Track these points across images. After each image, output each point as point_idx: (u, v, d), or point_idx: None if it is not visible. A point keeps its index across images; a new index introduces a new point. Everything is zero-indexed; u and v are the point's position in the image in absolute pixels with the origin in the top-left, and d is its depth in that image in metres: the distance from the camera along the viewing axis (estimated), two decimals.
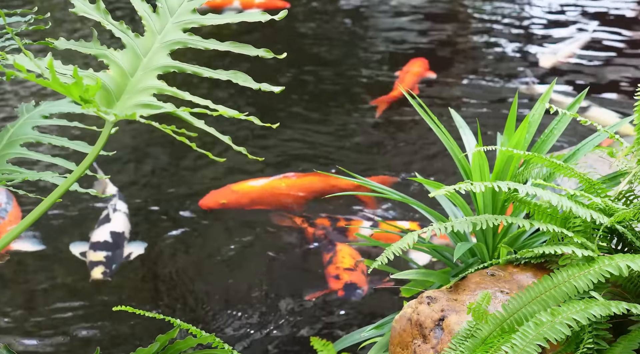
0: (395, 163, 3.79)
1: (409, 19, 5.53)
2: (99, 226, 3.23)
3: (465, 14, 5.65)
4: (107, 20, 1.53)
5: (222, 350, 1.55)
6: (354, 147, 3.97)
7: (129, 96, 1.45)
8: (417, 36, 5.26)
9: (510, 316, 1.34)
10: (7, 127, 1.71)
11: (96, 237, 3.17)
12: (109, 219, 3.26)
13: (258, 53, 1.48)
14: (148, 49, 1.52)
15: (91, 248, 3.12)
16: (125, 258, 3.12)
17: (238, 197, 3.41)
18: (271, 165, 3.73)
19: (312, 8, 5.81)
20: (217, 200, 3.42)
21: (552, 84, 1.96)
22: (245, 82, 1.47)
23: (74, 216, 3.39)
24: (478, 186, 1.40)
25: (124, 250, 3.15)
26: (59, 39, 1.51)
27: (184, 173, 3.70)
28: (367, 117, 4.25)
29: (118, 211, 3.31)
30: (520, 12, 5.64)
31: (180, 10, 1.56)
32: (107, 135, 1.39)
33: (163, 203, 3.50)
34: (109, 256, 3.08)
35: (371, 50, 5.13)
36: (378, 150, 3.96)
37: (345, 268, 2.90)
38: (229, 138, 1.45)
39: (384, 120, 4.19)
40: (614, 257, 1.34)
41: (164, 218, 3.40)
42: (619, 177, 1.77)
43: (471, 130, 2.04)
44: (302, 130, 4.06)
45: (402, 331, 1.56)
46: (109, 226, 3.22)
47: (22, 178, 1.63)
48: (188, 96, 1.45)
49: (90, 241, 3.16)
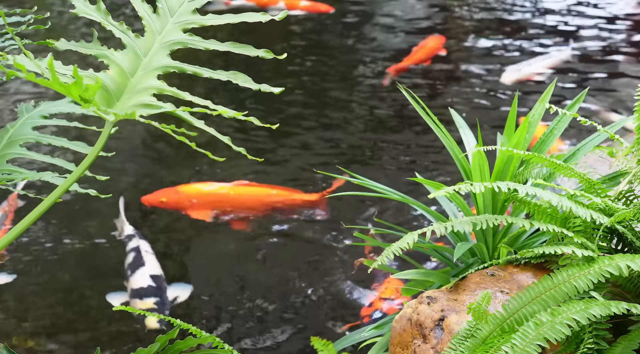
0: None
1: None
2: (134, 272, 2.89)
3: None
4: (108, 20, 1.53)
5: (222, 350, 1.55)
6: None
7: (129, 96, 1.45)
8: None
9: (510, 316, 1.34)
10: (7, 127, 1.71)
11: (137, 284, 2.84)
12: (143, 262, 2.93)
13: (258, 53, 1.48)
14: (148, 49, 1.52)
15: (135, 297, 2.79)
16: (172, 301, 2.83)
17: (178, 199, 3.36)
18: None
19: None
20: (158, 198, 3.37)
21: (552, 84, 1.96)
22: (245, 82, 1.47)
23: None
24: (478, 187, 1.40)
25: (168, 293, 2.85)
26: (60, 40, 1.51)
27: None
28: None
29: (147, 253, 3.00)
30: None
31: (180, 11, 1.56)
32: (107, 135, 1.39)
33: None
34: (159, 302, 2.77)
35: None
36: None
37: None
38: (228, 139, 1.45)
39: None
40: (614, 257, 1.34)
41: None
42: (619, 177, 1.77)
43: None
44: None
45: (402, 331, 1.56)
46: (147, 270, 2.89)
47: (22, 178, 1.63)
48: (188, 96, 1.46)
49: (132, 289, 2.84)
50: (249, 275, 3.00)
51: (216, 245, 3.19)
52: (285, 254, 3.12)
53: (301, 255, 3.09)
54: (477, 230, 1.73)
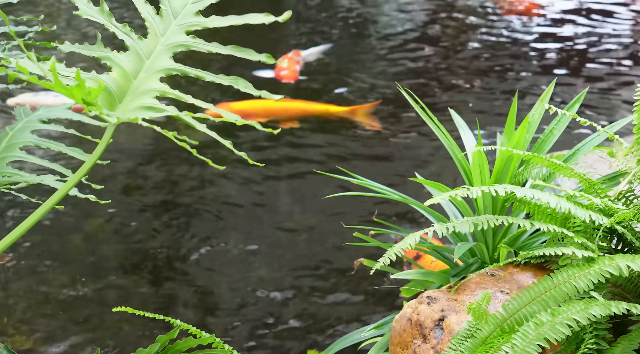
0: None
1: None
2: None
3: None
4: (111, 22, 1.53)
5: (222, 350, 1.55)
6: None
7: (131, 98, 1.45)
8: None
9: (510, 316, 1.34)
10: (6, 129, 1.71)
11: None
12: None
13: (260, 58, 1.48)
14: (151, 51, 1.52)
15: None
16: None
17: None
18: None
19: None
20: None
21: (552, 83, 1.96)
22: (246, 88, 1.48)
23: None
24: (475, 192, 1.41)
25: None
26: (64, 43, 1.52)
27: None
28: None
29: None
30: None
31: (184, 12, 1.56)
32: (108, 138, 1.40)
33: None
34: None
35: None
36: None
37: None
38: (230, 143, 1.46)
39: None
40: (614, 257, 1.35)
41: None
42: (619, 177, 1.77)
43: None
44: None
45: (402, 331, 1.56)
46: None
47: (22, 181, 1.64)
48: (190, 99, 1.46)
49: None
50: None
51: None
52: None
53: None
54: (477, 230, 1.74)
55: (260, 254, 3.03)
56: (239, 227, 3.21)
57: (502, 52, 5.01)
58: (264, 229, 3.19)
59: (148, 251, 3.06)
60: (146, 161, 3.77)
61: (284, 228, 3.20)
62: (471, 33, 5.40)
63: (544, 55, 4.94)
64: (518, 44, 5.14)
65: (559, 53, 4.99)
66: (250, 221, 3.25)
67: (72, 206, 3.30)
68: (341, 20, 5.67)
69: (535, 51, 5.01)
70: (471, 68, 4.80)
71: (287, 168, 3.68)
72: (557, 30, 5.35)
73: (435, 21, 5.64)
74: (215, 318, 2.70)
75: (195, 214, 3.30)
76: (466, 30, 5.45)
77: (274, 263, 2.98)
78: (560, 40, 5.19)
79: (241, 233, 3.16)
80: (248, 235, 3.14)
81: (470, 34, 5.39)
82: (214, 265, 2.98)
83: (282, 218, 3.28)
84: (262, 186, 3.51)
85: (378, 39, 5.32)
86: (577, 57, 4.92)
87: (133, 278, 2.92)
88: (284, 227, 3.21)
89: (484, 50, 5.05)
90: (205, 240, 3.11)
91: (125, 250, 3.10)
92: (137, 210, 3.34)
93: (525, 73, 4.69)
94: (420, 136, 3.89)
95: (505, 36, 5.26)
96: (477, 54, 5.00)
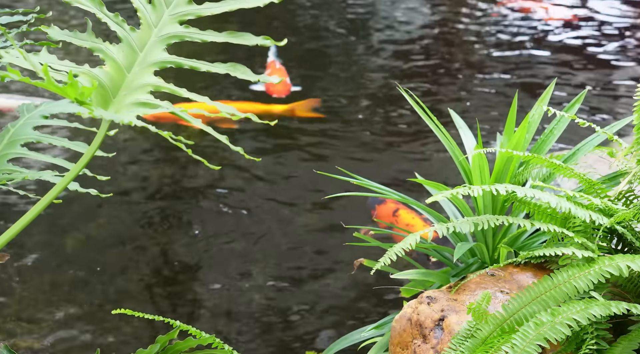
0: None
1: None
2: None
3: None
4: (102, 11, 1.50)
5: (222, 351, 1.55)
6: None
7: (125, 93, 1.42)
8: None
9: (510, 316, 1.34)
10: (8, 126, 1.70)
11: None
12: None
13: (257, 42, 1.46)
14: (144, 42, 1.48)
15: None
16: None
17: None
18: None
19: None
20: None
21: (552, 83, 1.96)
22: (244, 74, 1.46)
23: None
24: (476, 191, 1.40)
25: None
26: (52, 27, 1.47)
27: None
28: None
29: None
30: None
31: (176, 1, 1.53)
32: (103, 135, 1.38)
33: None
34: None
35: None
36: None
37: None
38: (226, 138, 1.45)
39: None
40: (614, 257, 1.34)
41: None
42: (619, 177, 1.77)
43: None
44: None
45: (402, 331, 1.56)
46: None
47: (22, 178, 1.63)
48: (185, 93, 1.44)
49: None
50: None
51: None
52: None
53: None
54: (477, 230, 1.74)
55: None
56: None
57: (504, 52, 5.02)
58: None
59: (150, 248, 3.06)
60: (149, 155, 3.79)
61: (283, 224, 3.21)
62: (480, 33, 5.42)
63: (556, 57, 4.95)
64: (519, 44, 5.16)
65: (567, 54, 5.00)
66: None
67: (73, 203, 3.30)
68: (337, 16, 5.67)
69: (540, 53, 5.03)
70: (471, 68, 4.80)
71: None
72: (567, 35, 5.37)
73: (435, 22, 5.64)
74: (221, 319, 2.71)
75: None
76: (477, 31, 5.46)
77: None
78: (570, 42, 5.21)
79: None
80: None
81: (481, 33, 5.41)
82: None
83: (281, 218, 3.28)
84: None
85: (379, 41, 5.33)
86: (587, 61, 4.93)
87: (133, 277, 2.92)
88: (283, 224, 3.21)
89: (486, 48, 5.07)
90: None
91: (125, 250, 3.10)
92: (137, 204, 3.35)
93: (530, 73, 4.71)
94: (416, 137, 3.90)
95: (507, 33, 5.28)
96: (477, 54, 5.01)
